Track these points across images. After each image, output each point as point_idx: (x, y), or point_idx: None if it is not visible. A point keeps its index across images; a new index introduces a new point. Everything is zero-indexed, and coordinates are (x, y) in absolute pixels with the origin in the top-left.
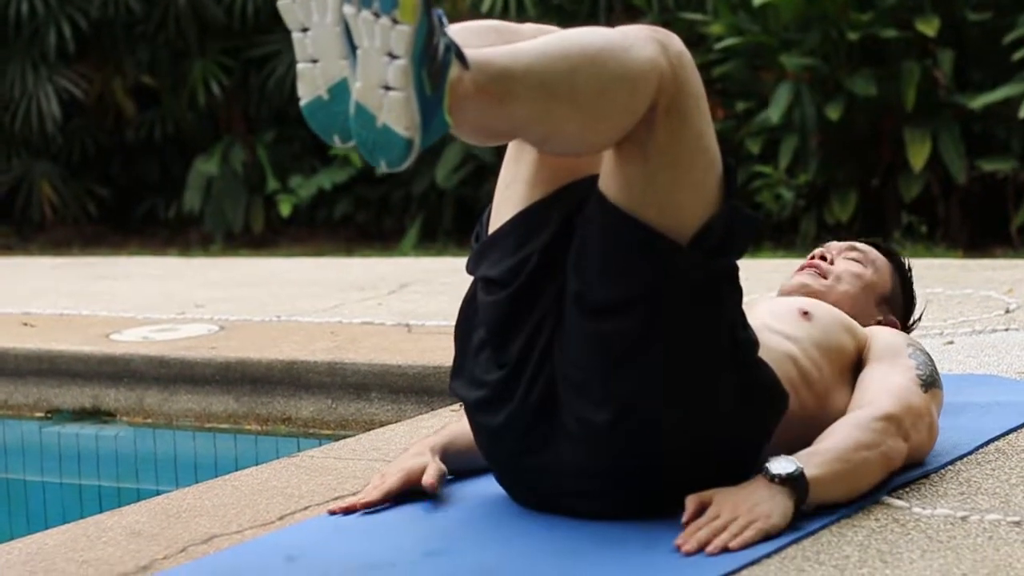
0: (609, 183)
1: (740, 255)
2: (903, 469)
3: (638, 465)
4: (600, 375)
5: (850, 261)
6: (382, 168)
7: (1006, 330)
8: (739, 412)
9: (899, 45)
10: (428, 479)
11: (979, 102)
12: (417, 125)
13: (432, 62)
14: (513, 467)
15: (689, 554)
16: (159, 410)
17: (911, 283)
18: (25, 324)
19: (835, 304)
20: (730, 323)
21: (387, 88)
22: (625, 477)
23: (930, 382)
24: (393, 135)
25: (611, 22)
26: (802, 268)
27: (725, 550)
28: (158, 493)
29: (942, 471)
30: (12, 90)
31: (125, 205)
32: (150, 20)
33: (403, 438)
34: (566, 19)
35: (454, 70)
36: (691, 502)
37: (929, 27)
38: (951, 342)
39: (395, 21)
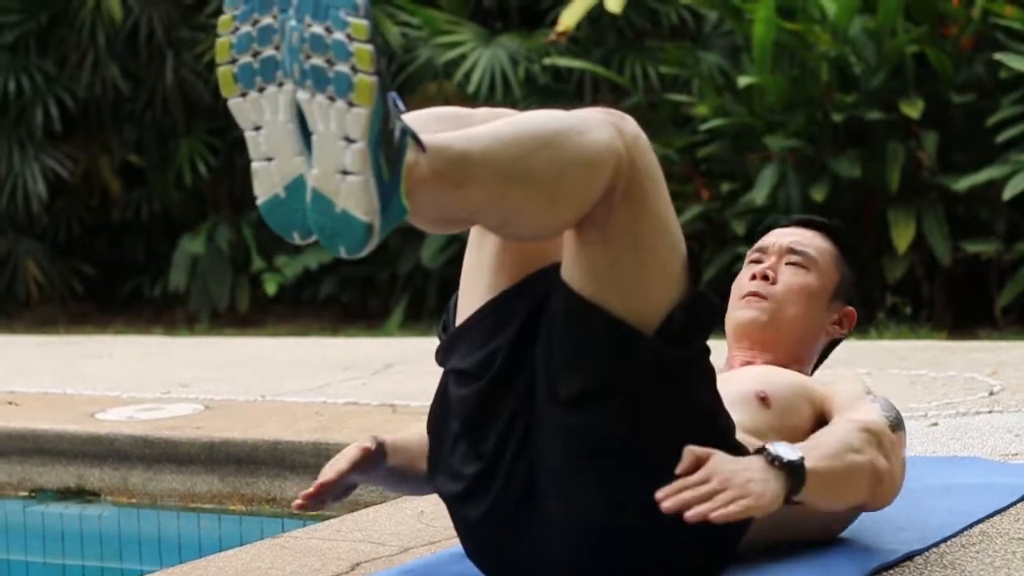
0: (572, 271)
1: (705, 339)
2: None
3: (627, 553)
4: (582, 469)
5: (792, 268)
6: (341, 255)
7: (990, 412)
8: None
9: (883, 127)
10: (364, 442)
11: (963, 184)
12: (376, 210)
13: (389, 146)
14: (496, 560)
15: (667, 512)
16: (143, 490)
17: (852, 254)
18: (9, 403)
19: (788, 331)
20: (705, 407)
21: (345, 172)
22: (613, 565)
23: (896, 424)
24: (352, 220)
25: (597, 102)
26: (745, 296)
27: (705, 520)
28: (142, 573)
29: (926, 554)
30: None
31: (111, 284)
32: (137, 99)
33: (387, 519)
34: (552, 99)
35: (410, 154)
36: (689, 454)
37: (913, 109)
38: (935, 424)
39: (351, 104)
